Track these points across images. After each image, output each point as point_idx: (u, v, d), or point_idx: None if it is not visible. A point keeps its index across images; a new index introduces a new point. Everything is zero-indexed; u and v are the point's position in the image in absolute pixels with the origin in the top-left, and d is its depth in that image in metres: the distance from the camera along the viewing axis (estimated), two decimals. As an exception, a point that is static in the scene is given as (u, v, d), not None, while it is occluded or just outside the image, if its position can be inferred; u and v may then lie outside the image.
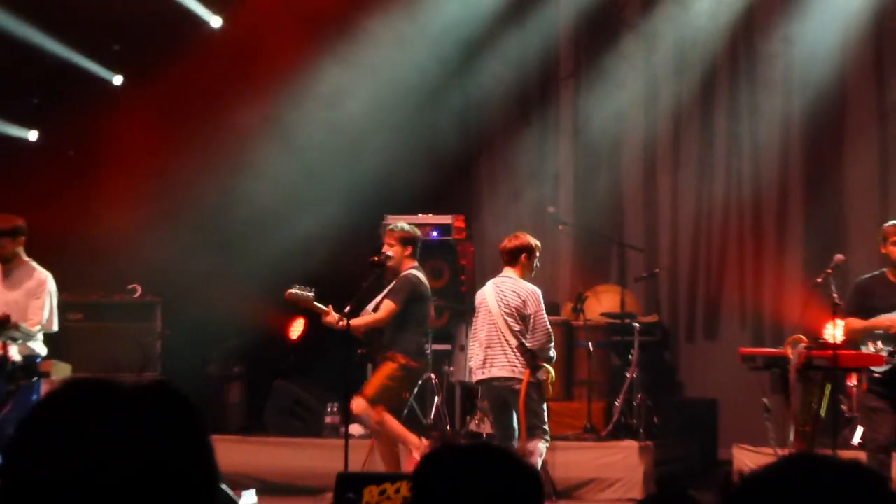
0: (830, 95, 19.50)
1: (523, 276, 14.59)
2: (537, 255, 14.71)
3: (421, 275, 15.31)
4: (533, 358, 14.26)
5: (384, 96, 19.28)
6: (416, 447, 14.81)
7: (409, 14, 19.32)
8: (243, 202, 18.85)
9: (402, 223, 15.47)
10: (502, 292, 14.51)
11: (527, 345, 14.30)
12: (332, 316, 15.05)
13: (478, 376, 14.70)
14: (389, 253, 16.29)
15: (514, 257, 14.60)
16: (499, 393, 14.60)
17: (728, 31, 19.93)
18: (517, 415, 14.40)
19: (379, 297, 15.19)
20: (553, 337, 14.61)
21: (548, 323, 14.53)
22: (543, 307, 14.52)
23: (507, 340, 14.37)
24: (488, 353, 14.53)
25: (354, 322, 14.98)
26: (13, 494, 2.39)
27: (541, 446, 14.29)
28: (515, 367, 14.36)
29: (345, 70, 19.37)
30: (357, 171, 18.92)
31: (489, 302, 14.53)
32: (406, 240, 15.31)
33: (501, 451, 4.13)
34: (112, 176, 18.47)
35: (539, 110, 20.97)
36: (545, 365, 14.30)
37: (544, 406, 14.48)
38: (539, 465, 14.02)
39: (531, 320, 14.36)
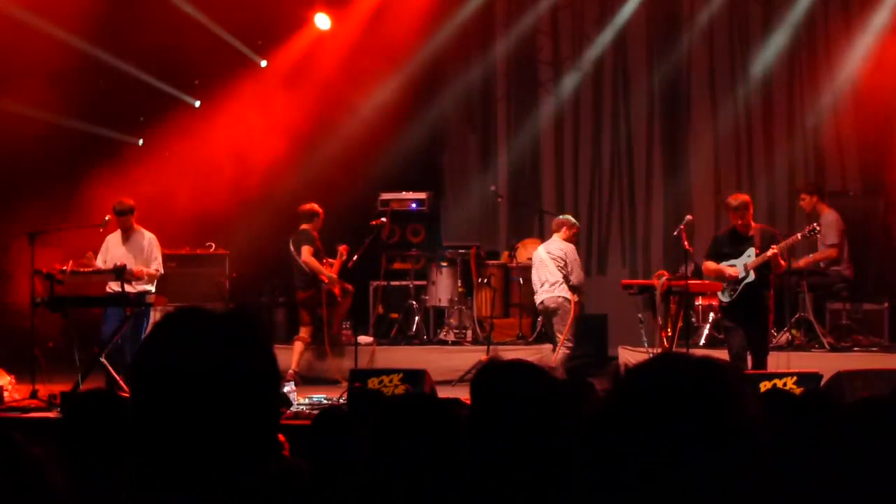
0: (678, 98, 19.62)
1: (567, 239, 15.22)
2: (576, 228, 15.54)
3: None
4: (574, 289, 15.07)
5: (388, 111, 19.35)
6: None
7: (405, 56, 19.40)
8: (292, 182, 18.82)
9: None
10: (552, 250, 15.13)
11: (571, 281, 15.00)
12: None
13: (538, 300, 15.34)
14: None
15: (559, 227, 15.29)
16: (543, 312, 15.31)
17: (604, 63, 20.03)
18: (555, 328, 15.08)
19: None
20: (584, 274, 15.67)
21: (581, 266, 15.47)
22: (578, 258, 15.31)
23: (552, 277, 14.99)
24: (539, 288, 15.20)
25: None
26: (140, 387, 2.41)
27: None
28: (557, 295, 14.96)
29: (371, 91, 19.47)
30: (366, 160, 18.92)
31: (542, 256, 15.19)
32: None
33: (530, 364, 4.04)
34: (192, 170, 18.40)
35: (482, 120, 20.96)
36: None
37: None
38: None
39: (569, 266, 15.01)
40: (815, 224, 13.95)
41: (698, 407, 2.16)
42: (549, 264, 15.02)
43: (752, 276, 13.25)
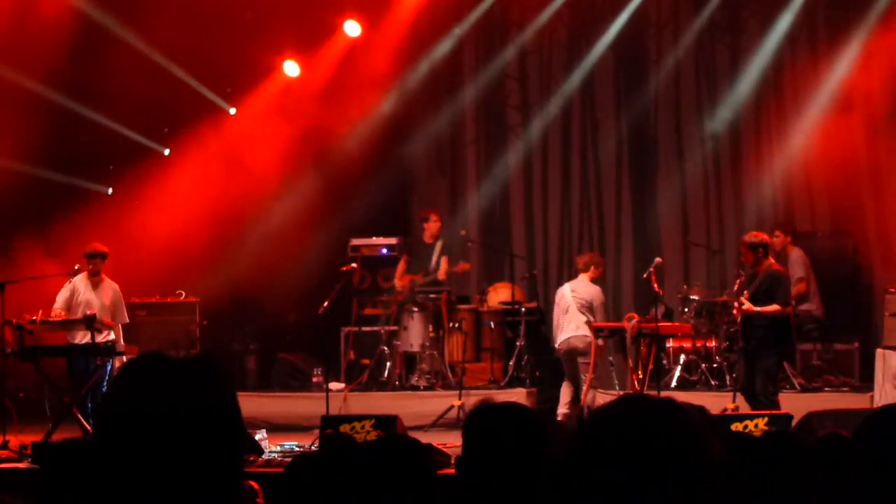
0: (646, 141, 19.69)
1: (593, 279, 15.71)
2: (602, 266, 16.27)
3: None
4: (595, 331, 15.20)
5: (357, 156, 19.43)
6: None
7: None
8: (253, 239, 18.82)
9: None
10: (578, 292, 15.58)
11: (593, 323, 15.30)
12: None
13: (558, 340, 15.76)
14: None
15: (587, 267, 15.79)
16: (568, 351, 15.57)
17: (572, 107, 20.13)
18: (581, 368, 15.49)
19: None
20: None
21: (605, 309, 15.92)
22: (603, 300, 15.86)
23: (577, 319, 15.40)
24: (564, 327, 15.59)
25: None
26: (104, 432, 2.44)
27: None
28: (584, 335, 15.36)
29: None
30: (339, 209, 19.00)
31: (567, 298, 15.55)
32: None
33: (518, 405, 4.08)
34: (162, 218, 18.37)
35: (451, 164, 21.00)
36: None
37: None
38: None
39: (594, 310, 15.51)
40: (740, 271, 14.34)
41: (657, 449, 2.19)
42: (573, 306, 15.26)
43: None
